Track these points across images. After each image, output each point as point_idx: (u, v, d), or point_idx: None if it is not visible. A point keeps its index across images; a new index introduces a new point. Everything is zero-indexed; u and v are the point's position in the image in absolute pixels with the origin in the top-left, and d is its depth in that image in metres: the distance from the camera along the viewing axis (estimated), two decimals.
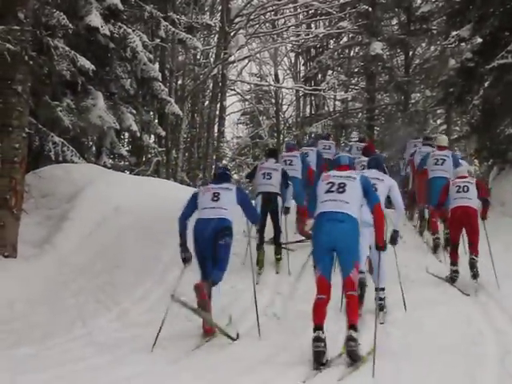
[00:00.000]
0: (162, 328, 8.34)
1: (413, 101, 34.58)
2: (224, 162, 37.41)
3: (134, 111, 22.32)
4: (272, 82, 41.27)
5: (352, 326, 7.18)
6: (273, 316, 9.74)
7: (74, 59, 17.11)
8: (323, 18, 35.30)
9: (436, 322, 8.95)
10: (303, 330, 8.14)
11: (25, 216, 13.63)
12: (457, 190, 11.23)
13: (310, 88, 35.25)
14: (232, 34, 31.12)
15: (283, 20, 36.95)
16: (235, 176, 43.12)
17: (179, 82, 35.82)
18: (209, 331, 8.66)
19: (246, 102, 44.99)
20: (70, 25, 17.24)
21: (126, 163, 27.17)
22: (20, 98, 12.74)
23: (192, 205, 9.41)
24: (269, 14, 34.20)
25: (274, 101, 43.47)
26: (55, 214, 15.00)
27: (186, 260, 9.05)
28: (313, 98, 40.37)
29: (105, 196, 15.81)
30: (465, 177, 11.66)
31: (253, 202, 11.15)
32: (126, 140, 32.15)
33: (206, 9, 37.33)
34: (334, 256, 7.50)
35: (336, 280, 7.68)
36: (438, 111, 34.24)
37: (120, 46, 20.26)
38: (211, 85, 36.25)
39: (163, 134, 25.82)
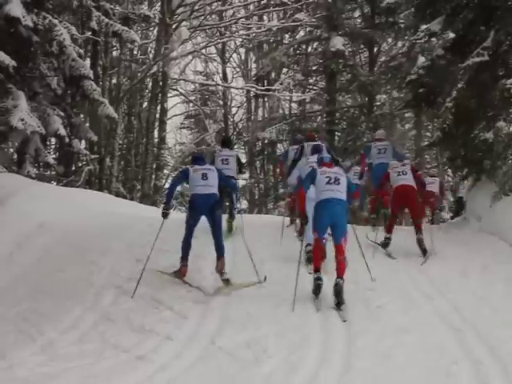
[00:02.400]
0: None
1: (378, 103, 34.87)
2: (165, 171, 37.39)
3: (62, 113, 22.17)
4: (220, 82, 41.33)
5: (339, 277, 10.88)
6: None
7: None
8: (277, 9, 35.61)
9: (405, 352, 8.95)
10: None
11: None
12: (397, 174, 14.63)
13: (263, 88, 35.42)
14: (174, 26, 31.21)
15: (232, 11, 37.13)
16: (178, 188, 43.00)
17: (114, 80, 35.71)
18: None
19: (191, 104, 44.95)
20: None
21: (53, 173, 26.96)
22: None
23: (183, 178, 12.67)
24: (215, 4, 34.41)
25: (221, 102, 43.53)
26: None
27: (165, 215, 12.26)
28: (266, 100, 40.52)
29: (28, 211, 15.63)
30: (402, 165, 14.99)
31: None
32: (53, 146, 31.88)
33: None
34: (328, 227, 11.38)
35: None
36: (407, 115, 34.59)
37: (45, 39, 20.12)
38: (150, 84, 36.23)
39: (95, 139, 25.66)
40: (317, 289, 10.93)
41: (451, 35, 17.51)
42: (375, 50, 34.54)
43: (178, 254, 12.25)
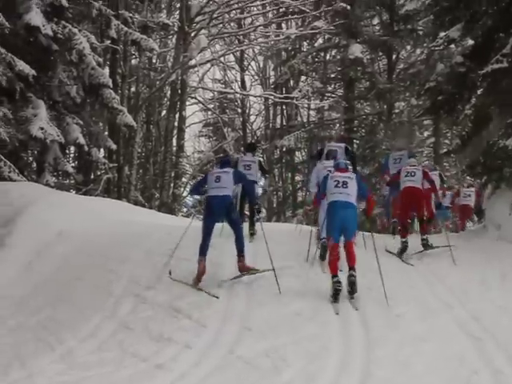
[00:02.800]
0: None
1: (397, 110, 34.79)
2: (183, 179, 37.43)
3: (81, 122, 22.26)
4: (238, 90, 41.30)
5: (352, 268, 11.52)
6: None
7: (11, 63, 17.07)
8: (295, 17, 35.55)
9: (424, 360, 8.93)
10: None
11: None
12: (405, 174, 15.03)
13: (281, 96, 35.36)
14: (193, 34, 31.23)
15: (250, 19, 37.15)
16: (196, 196, 42.99)
17: (132, 88, 35.80)
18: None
19: (209, 112, 45.03)
20: (7, 23, 17.18)
21: (72, 181, 27.09)
22: None
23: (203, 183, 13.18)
24: (234, 12, 34.39)
25: (240, 110, 43.55)
26: None
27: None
28: (284, 108, 40.58)
29: (47, 219, 15.68)
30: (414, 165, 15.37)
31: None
32: (72, 155, 32.01)
33: (163, 6, 37.29)
34: (341, 230, 11.84)
35: None
36: (425, 122, 34.53)
37: (64, 47, 20.24)
38: (169, 92, 36.32)
39: (114, 147, 25.73)
40: (336, 293, 11.35)
41: (470, 42, 17.42)
42: (394, 57, 34.52)
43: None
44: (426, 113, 23.39)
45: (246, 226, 15.34)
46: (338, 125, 37.34)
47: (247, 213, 17.17)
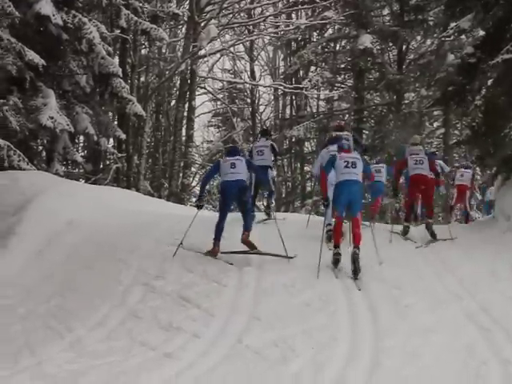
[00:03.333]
0: None
1: (406, 101, 34.79)
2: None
3: (91, 111, 22.27)
4: (247, 80, 41.24)
5: (356, 246, 12.29)
6: None
7: (21, 52, 17.06)
8: (305, 7, 35.56)
9: (433, 351, 8.92)
10: None
11: None
12: (414, 162, 15.64)
13: (291, 86, 35.42)
14: (202, 24, 31.21)
15: (260, 9, 37.14)
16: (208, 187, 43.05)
17: (142, 78, 35.83)
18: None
19: (218, 102, 45.13)
20: (17, 13, 17.17)
21: (81, 171, 27.12)
22: None
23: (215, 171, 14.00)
24: (244, 2, 34.39)
25: (249, 100, 43.56)
26: None
27: (200, 207, 13.90)
28: (293, 98, 40.55)
29: (56, 208, 15.69)
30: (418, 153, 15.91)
31: None
32: (82, 144, 32.09)
33: None
34: (346, 205, 12.84)
35: None
36: (435, 113, 34.50)
37: (74, 37, 20.23)
38: (178, 82, 36.39)
39: (123, 137, 25.76)
40: (336, 261, 12.51)
41: (481, 33, 17.38)
42: (404, 47, 34.45)
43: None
44: (436, 103, 23.29)
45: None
46: (347, 115, 37.27)
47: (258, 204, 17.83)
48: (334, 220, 13.77)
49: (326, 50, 37.72)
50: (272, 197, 17.81)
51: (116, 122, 28.28)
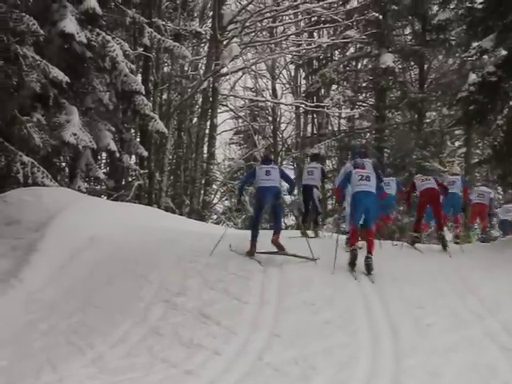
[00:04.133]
0: None
1: (428, 120, 34.71)
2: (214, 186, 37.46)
3: (113, 128, 22.39)
4: (269, 98, 41.34)
5: (369, 252, 13.44)
6: None
7: (45, 69, 17.19)
8: (327, 26, 35.61)
9: (454, 371, 8.86)
10: None
11: None
12: (421, 181, 16.72)
13: (312, 104, 35.44)
14: (225, 42, 31.30)
15: (282, 28, 37.21)
16: (226, 202, 43.11)
17: (164, 96, 35.95)
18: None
19: (240, 120, 45.13)
20: (42, 31, 17.31)
21: (103, 187, 27.18)
22: None
23: (251, 176, 15.26)
24: (266, 20, 34.47)
25: (271, 118, 43.62)
26: (22, 244, 14.92)
27: (238, 210, 15.89)
28: (315, 116, 40.51)
29: (79, 224, 15.75)
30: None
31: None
32: (104, 161, 32.16)
33: (196, 14, 37.54)
34: (363, 215, 13.97)
35: None
36: (457, 132, 34.40)
37: (98, 55, 20.37)
38: (200, 100, 36.49)
39: (146, 154, 25.86)
40: (353, 256, 13.54)
41: (503, 52, 17.31)
42: (426, 66, 34.44)
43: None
44: (458, 123, 23.28)
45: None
46: (368, 134, 37.25)
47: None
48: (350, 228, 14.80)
49: (348, 68, 37.77)
50: (318, 215, 19.31)
51: (138, 139, 28.37)
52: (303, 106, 35.89)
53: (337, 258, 13.26)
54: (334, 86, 38.23)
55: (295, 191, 19.70)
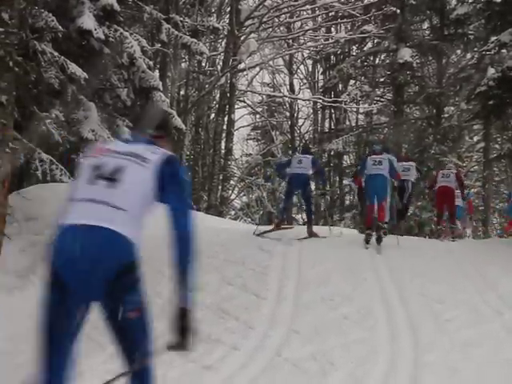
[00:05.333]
0: None
1: (446, 115, 34.59)
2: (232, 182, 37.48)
3: (131, 124, 22.38)
4: (287, 93, 41.34)
5: (380, 221, 15.55)
6: None
7: (63, 65, 17.15)
8: (345, 21, 35.61)
9: (474, 366, 8.80)
10: None
11: (7, 242, 13.60)
12: (441, 176, 18.68)
13: (330, 100, 35.40)
14: (242, 38, 31.30)
15: (300, 23, 37.22)
16: (244, 198, 43.13)
17: (182, 92, 36.02)
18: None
19: (257, 115, 45.19)
20: (60, 27, 17.32)
21: None
22: (4, 109, 12.76)
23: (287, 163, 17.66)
24: (284, 16, 34.47)
25: (288, 114, 43.61)
26: (41, 239, 14.94)
27: (268, 179, 18.60)
28: (332, 111, 40.53)
29: None
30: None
31: None
32: None
33: (213, 10, 37.54)
34: (375, 194, 15.87)
35: None
36: (475, 126, 34.28)
37: (116, 51, 20.30)
38: (218, 96, 36.54)
39: None
40: (367, 237, 15.50)
41: None
42: (444, 61, 34.28)
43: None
44: (476, 117, 23.20)
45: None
46: (386, 129, 37.17)
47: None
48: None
49: (366, 63, 37.73)
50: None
51: None
52: (321, 101, 35.91)
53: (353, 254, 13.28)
54: (352, 81, 38.25)
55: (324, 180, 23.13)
